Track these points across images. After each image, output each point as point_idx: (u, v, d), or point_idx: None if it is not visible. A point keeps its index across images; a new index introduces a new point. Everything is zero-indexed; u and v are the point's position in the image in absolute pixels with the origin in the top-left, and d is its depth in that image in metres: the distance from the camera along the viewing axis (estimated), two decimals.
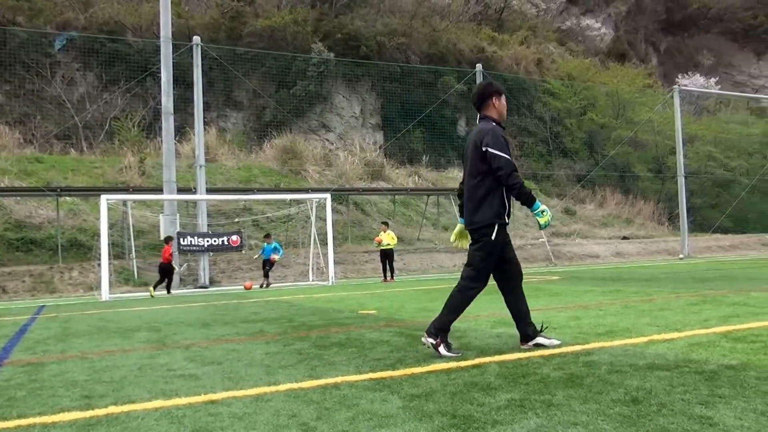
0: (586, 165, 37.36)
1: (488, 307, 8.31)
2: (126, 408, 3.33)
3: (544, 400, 3.02)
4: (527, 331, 4.62)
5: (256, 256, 19.82)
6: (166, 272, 16.63)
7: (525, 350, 4.56)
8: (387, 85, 35.76)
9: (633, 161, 39.20)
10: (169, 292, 16.62)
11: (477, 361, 4.19)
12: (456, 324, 6.38)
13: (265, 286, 17.93)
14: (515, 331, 5.56)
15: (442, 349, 4.38)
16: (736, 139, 41.93)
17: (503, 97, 4.73)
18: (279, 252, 18.63)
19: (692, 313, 6.38)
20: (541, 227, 4.55)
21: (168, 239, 17.23)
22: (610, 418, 2.65)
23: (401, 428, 2.69)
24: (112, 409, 3.31)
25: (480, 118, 4.66)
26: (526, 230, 30.90)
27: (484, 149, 4.40)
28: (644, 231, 34.27)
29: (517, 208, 31.73)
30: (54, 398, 3.71)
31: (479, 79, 26.94)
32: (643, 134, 38.13)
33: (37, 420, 3.19)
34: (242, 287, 17.55)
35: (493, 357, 4.31)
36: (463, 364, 4.10)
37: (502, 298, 4.85)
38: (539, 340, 4.59)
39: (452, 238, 5.05)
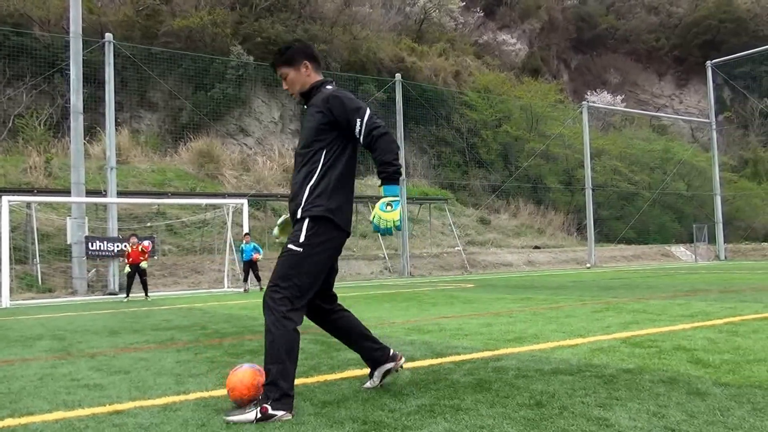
0: (501, 176, 38.60)
1: (405, 314, 8.45)
2: (24, 420, 3.17)
3: (453, 404, 3.11)
4: None
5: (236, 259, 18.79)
6: (135, 274, 15.50)
7: (435, 357, 4.66)
8: None
9: (545, 173, 40.86)
10: (127, 296, 15.66)
11: None
12: (374, 331, 6.46)
13: (246, 290, 17.22)
14: (429, 338, 5.70)
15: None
16: (640, 155, 44.56)
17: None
18: (259, 251, 17.93)
19: (596, 320, 6.74)
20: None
21: (132, 236, 16.21)
22: (515, 421, 2.78)
23: None
24: (9, 422, 3.14)
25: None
26: (443, 238, 31.54)
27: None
28: (555, 241, 35.76)
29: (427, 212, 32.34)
30: (22, 402, 3.49)
31: (399, 88, 27.33)
32: (555, 147, 39.84)
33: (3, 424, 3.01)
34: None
35: (406, 363, 4.38)
36: None
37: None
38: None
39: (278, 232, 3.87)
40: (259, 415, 2.94)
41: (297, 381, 3.89)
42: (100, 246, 18.28)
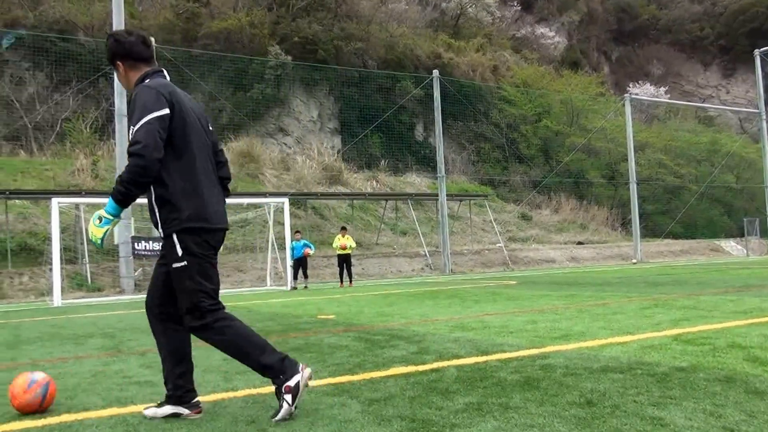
0: (542, 171, 38.07)
1: (447, 311, 8.40)
2: (80, 416, 3.26)
3: (502, 403, 3.07)
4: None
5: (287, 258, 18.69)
6: None
7: (481, 354, 4.62)
8: (345, 89, 35.77)
9: (587, 168, 40.15)
10: None
11: (435, 365, 4.23)
12: (415, 328, 6.45)
13: (294, 288, 17.42)
14: (473, 336, 5.65)
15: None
16: (685, 147, 43.38)
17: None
18: (311, 246, 18.11)
19: (644, 317, 6.58)
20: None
21: None
22: (566, 420, 2.72)
23: None
24: (66, 417, 3.23)
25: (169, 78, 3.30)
26: (484, 235, 31.31)
27: (211, 129, 3.34)
28: (598, 236, 35.12)
29: (478, 213, 32.17)
30: (5, 407, 3.60)
31: (436, 85, 27.20)
32: (596, 141, 39.10)
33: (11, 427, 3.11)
34: None
35: (451, 361, 4.36)
36: (421, 368, 4.14)
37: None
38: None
39: None
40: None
41: (342, 378, 3.92)
42: (145, 246, 18.69)
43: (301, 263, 17.97)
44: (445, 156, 28.37)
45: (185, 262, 3.03)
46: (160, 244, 3.17)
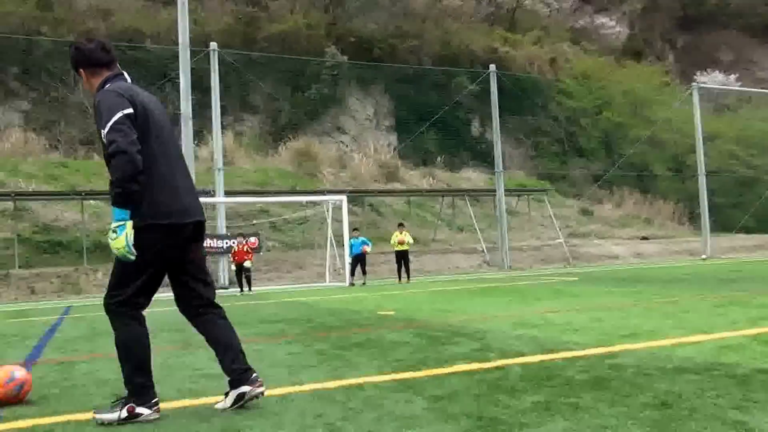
0: (603, 164, 37.08)
1: (508, 308, 8.30)
2: None
3: (571, 402, 3.01)
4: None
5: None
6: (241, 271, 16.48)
7: (545, 352, 4.53)
8: (400, 87, 35.83)
9: (651, 160, 38.81)
10: (241, 290, 16.46)
11: (499, 363, 4.19)
12: (475, 325, 6.40)
13: (352, 284, 17.62)
14: (536, 333, 5.56)
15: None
16: (759, 137, 41.33)
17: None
18: (369, 243, 18.37)
19: (718, 315, 6.31)
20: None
21: (238, 236, 17.38)
22: (640, 421, 2.64)
23: (427, 429, 2.70)
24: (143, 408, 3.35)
25: (131, 80, 3.36)
26: (543, 231, 30.78)
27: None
28: (664, 231, 33.94)
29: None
30: (86, 396, 3.78)
31: (493, 79, 26.88)
32: (662, 133, 37.74)
33: (71, 417, 3.26)
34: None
35: (515, 359, 4.30)
36: (485, 365, 4.10)
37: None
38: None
39: None
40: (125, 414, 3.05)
41: (405, 374, 3.93)
42: (210, 243, 19.23)
43: (359, 260, 18.12)
44: (503, 151, 28.00)
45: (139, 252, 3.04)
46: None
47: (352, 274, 18.22)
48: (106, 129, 2.96)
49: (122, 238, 2.97)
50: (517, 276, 18.94)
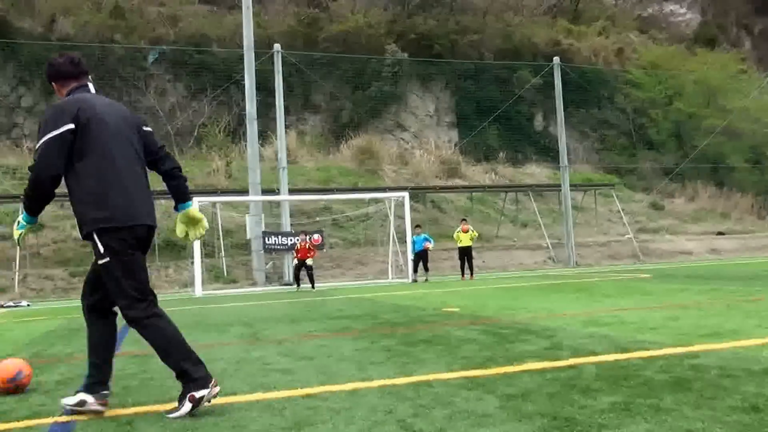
0: (674, 157, 35.67)
1: (576, 305, 8.10)
2: (229, 399, 3.46)
3: (652, 404, 2.88)
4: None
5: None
6: (302, 268, 16.66)
7: (620, 351, 4.37)
8: (461, 82, 35.57)
9: (727, 151, 37.03)
10: (298, 287, 16.72)
11: (572, 361, 4.07)
12: (543, 322, 6.27)
13: (415, 281, 17.70)
14: (609, 331, 5.39)
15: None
16: None
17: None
18: (430, 241, 18.43)
19: None
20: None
21: (301, 233, 17.72)
22: (728, 426, 2.50)
23: (501, 428, 2.65)
24: (217, 400, 3.43)
25: (97, 90, 3.57)
26: (610, 226, 29.90)
27: (148, 129, 3.59)
28: (742, 226, 32.35)
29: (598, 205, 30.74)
30: (163, 388, 3.90)
31: (557, 72, 26.29)
32: (738, 123, 35.94)
33: (151, 408, 3.38)
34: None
35: (588, 357, 4.18)
36: (557, 364, 4.00)
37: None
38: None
39: (181, 231, 3.78)
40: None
41: (474, 372, 3.87)
42: (275, 240, 19.64)
43: (421, 257, 18.10)
44: (567, 145, 27.38)
45: (108, 259, 3.22)
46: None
47: (415, 270, 18.20)
48: (36, 146, 3.24)
49: (20, 232, 3.38)
50: (584, 273, 18.47)
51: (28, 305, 15.92)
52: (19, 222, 3.40)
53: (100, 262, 3.26)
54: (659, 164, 35.87)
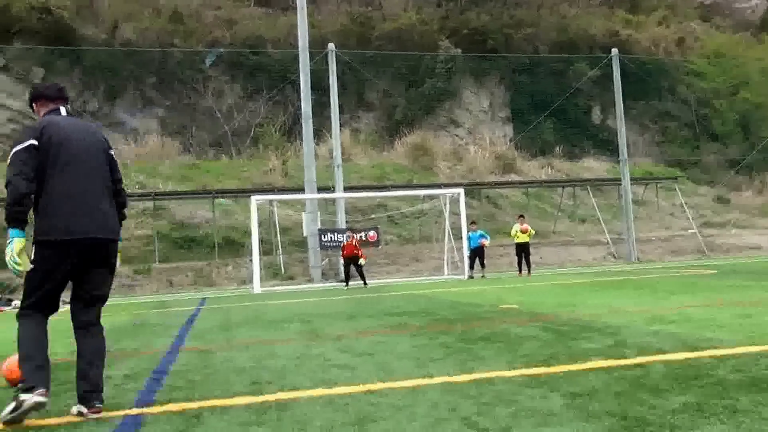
0: (740, 149, 34.23)
1: (639, 302, 7.87)
2: (292, 395, 3.51)
3: (727, 405, 2.77)
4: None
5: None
6: (351, 265, 16.47)
7: (689, 350, 4.22)
8: (515, 77, 35.11)
9: None
10: (347, 284, 16.56)
11: (638, 360, 3.96)
12: (606, 320, 6.11)
13: (471, 277, 17.54)
14: (675, 329, 5.22)
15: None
16: None
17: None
18: (487, 237, 18.33)
19: None
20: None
21: (348, 231, 17.87)
22: None
23: (567, 427, 2.59)
24: (280, 395, 3.50)
25: (70, 113, 3.81)
26: (673, 221, 28.94)
27: (112, 152, 3.84)
28: None
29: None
30: (227, 383, 4.00)
31: (615, 64, 25.58)
32: None
33: (217, 402, 3.45)
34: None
35: (655, 356, 4.05)
36: (623, 362, 3.90)
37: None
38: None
39: None
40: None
41: (537, 370, 3.82)
42: (331, 237, 19.83)
43: (477, 253, 17.94)
44: (627, 138, 26.61)
45: (33, 266, 3.40)
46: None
47: (471, 267, 18.06)
48: (8, 161, 3.47)
49: (8, 251, 3.33)
50: (646, 268, 17.94)
51: None
52: (11, 250, 3.31)
53: (29, 267, 3.44)
54: (724, 156, 34.50)
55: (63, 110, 3.76)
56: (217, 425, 2.97)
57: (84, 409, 3.32)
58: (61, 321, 3.28)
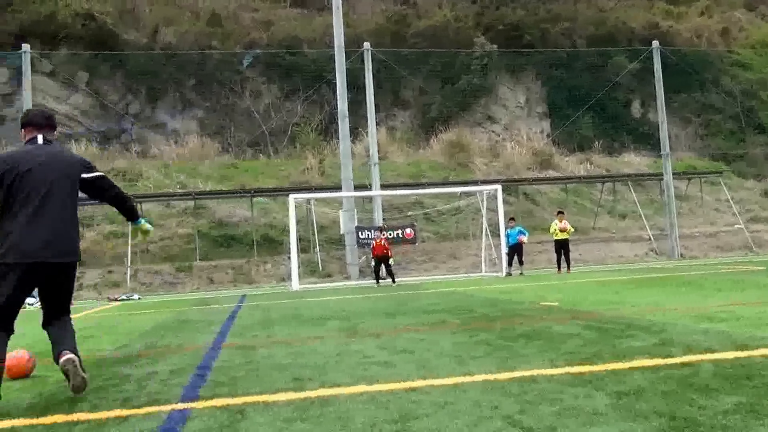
0: None
1: (685, 300, 7.68)
2: (333, 391, 3.52)
3: None
4: None
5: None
6: (381, 264, 16.52)
7: (739, 349, 4.09)
8: (552, 72, 34.64)
9: None
10: (378, 283, 16.56)
11: (686, 358, 3.86)
12: (650, 317, 5.98)
13: (509, 274, 17.37)
14: (725, 327, 5.07)
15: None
16: None
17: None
18: (525, 233, 18.19)
19: None
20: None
21: (377, 230, 17.92)
22: None
23: (614, 427, 2.54)
24: (321, 392, 3.52)
25: (46, 141, 4.07)
26: (718, 216, 28.16)
27: (92, 176, 4.14)
28: None
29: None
30: (269, 379, 4.04)
31: (656, 56, 25.01)
32: None
33: (259, 398, 3.49)
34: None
35: (704, 355, 3.94)
36: (670, 361, 3.80)
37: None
38: None
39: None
40: None
41: (580, 368, 3.75)
42: (368, 235, 19.88)
43: (516, 250, 17.77)
44: (669, 131, 25.99)
45: None
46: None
47: (509, 264, 17.90)
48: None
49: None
50: (690, 265, 17.50)
51: (139, 298, 17.00)
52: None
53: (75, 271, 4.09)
54: None
55: (40, 138, 4.05)
56: (260, 421, 3.00)
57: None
58: (105, 318, 3.41)
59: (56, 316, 4.07)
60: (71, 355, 3.81)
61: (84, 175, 4.10)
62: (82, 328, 8.71)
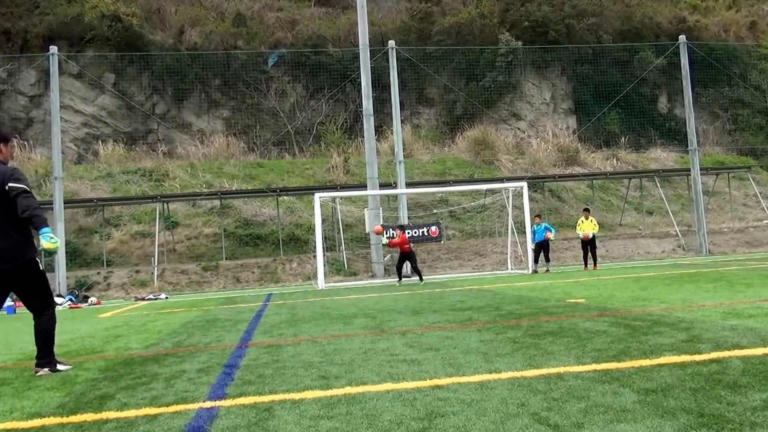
0: None
1: (714, 296, 7.58)
2: (360, 389, 3.57)
3: None
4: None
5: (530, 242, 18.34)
6: (405, 261, 16.48)
7: (767, 346, 4.05)
8: (578, 68, 34.27)
9: None
10: (400, 281, 16.53)
11: (714, 355, 3.83)
12: (678, 314, 5.93)
13: (535, 271, 17.31)
14: (754, 324, 5.01)
15: (60, 366, 5.03)
16: None
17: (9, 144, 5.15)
18: (552, 230, 18.03)
19: None
20: (49, 252, 5.06)
21: (397, 228, 17.86)
22: None
23: (642, 424, 2.55)
24: (349, 390, 3.57)
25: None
26: (747, 211, 27.63)
27: (7, 187, 4.72)
28: None
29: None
30: (296, 377, 4.10)
31: (683, 51, 24.62)
32: None
33: (287, 396, 3.55)
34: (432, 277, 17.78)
35: (732, 351, 3.91)
36: (698, 358, 3.78)
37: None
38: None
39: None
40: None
41: (607, 365, 3.75)
42: (393, 234, 19.87)
43: (542, 247, 17.65)
44: (696, 127, 25.55)
45: None
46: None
47: (536, 261, 17.79)
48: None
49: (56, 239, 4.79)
50: (719, 261, 17.21)
51: (167, 298, 17.24)
52: (51, 235, 4.72)
53: (38, 272, 4.93)
54: None
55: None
56: (288, 418, 3.05)
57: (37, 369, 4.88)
58: (134, 317, 3.51)
59: (34, 315, 4.90)
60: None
61: (10, 184, 4.74)
62: (111, 328, 8.90)
